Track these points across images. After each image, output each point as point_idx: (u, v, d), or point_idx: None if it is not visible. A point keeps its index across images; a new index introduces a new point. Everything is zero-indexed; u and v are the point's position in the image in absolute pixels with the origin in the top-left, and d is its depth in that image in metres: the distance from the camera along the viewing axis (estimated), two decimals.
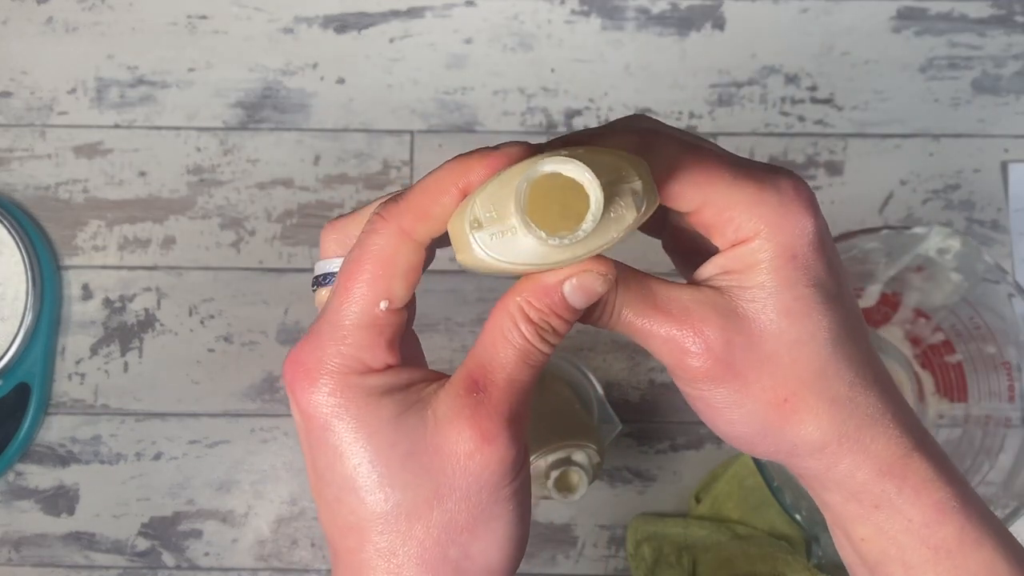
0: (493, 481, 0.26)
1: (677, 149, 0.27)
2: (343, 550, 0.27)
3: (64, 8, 0.66)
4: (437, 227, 0.26)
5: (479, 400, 0.26)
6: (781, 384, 0.27)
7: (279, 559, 0.63)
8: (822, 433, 0.28)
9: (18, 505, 0.63)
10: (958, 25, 0.66)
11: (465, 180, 0.26)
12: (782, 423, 0.28)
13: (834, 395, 0.27)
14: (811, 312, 0.27)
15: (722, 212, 0.27)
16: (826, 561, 0.56)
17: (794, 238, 0.27)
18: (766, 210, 0.26)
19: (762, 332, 0.27)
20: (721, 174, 0.27)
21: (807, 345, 0.27)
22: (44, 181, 0.65)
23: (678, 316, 0.27)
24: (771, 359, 0.27)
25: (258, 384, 0.64)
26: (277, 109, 0.65)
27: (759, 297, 0.27)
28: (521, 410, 0.27)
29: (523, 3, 0.66)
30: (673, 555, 0.59)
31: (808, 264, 0.27)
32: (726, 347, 0.27)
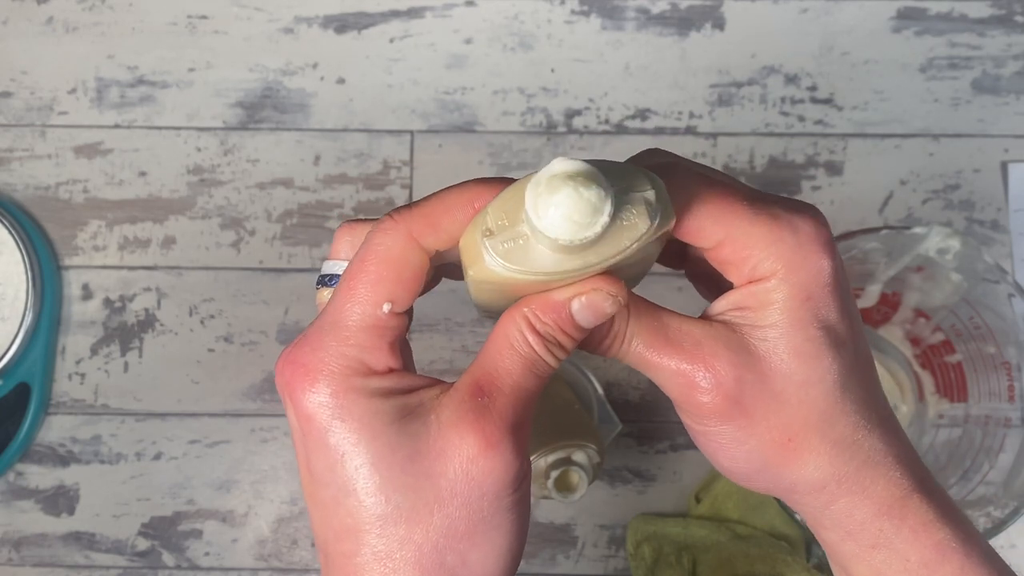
0: (495, 489, 0.26)
1: (696, 183, 0.27)
2: (337, 554, 0.26)
3: (64, 8, 0.66)
4: (446, 239, 0.26)
5: (484, 405, 0.26)
6: (787, 424, 0.27)
7: (279, 559, 0.63)
8: (822, 474, 0.28)
9: (18, 505, 0.63)
10: (958, 25, 0.66)
11: (482, 201, 0.26)
12: (783, 462, 0.28)
13: (837, 437, 0.27)
14: (821, 355, 0.27)
15: (739, 250, 0.27)
16: (826, 561, 0.56)
17: (809, 279, 0.27)
18: (783, 249, 0.26)
19: (772, 371, 0.27)
20: (740, 211, 0.27)
21: (815, 387, 0.27)
22: (44, 181, 0.65)
23: (689, 350, 0.27)
24: (779, 399, 0.27)
25: (258, 384, 0.64)
26: (277, 109, 0.65)
27: (771, 336, 0.27)
28: (524, 420, 0.27)
29: (523, 3, 0.66)
30: (673, 555, 0.59)
31: (821, 306, 0.27)
32: (736, 384, 0.27)
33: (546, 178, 0.24)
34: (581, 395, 0.60)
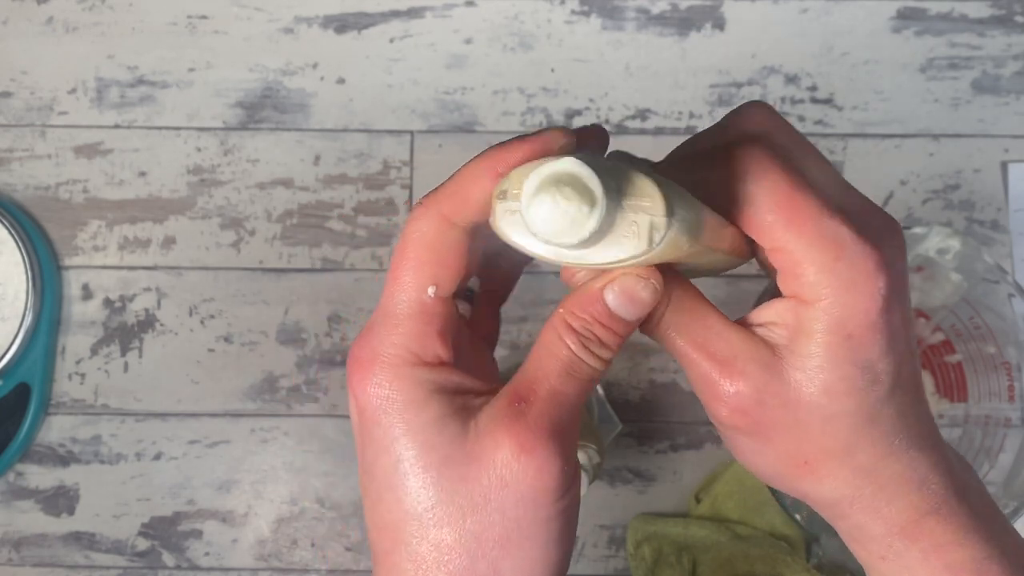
0: (530, 496, 0.25)
1: (769, 172, 0.26)
2: (380, 552, 0.26)
3: (64, 8, 0.66)
4: (477, 211, 0.26)
5: (519, 411, 0.25)
6: (805, 449, 0.27)
7: (279, 559, 0.63)
8: (837, 495, 0.28)
9: (18, 505, 0.63)
10: (958, 25, 0.66)
11: (504, 165, 0.25)
12: (798, 478, 0.28)
13: (856, 465, 0.27)
14: (852, 393, 0.26)
15: (793, 265, 0.26)
16: (826, 561, 0.56)
17: (854, 316, 0.26)
18: (835, 281, 0.25)
19: (799, 401, 0.26)
20: (806, 223, 0.25)
21: (841, 421, 0.27)
22: (44, 181, 0.65)
23: (721, 360, 0.27)
24: (801, 426, 0.27)
25: (258, 384, 0.64)
26: (277, 109, 0.65)
27: (806, 367, 0.26)
28: (567, 425, 0.26)
29: (523, 3, 0.66)
30: (673, 555, 0.59)
31: (862, 346, 0.26)
32: (757, 406, 0.27)
33: (539, 176, 0.23)
34: None
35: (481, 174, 0.26)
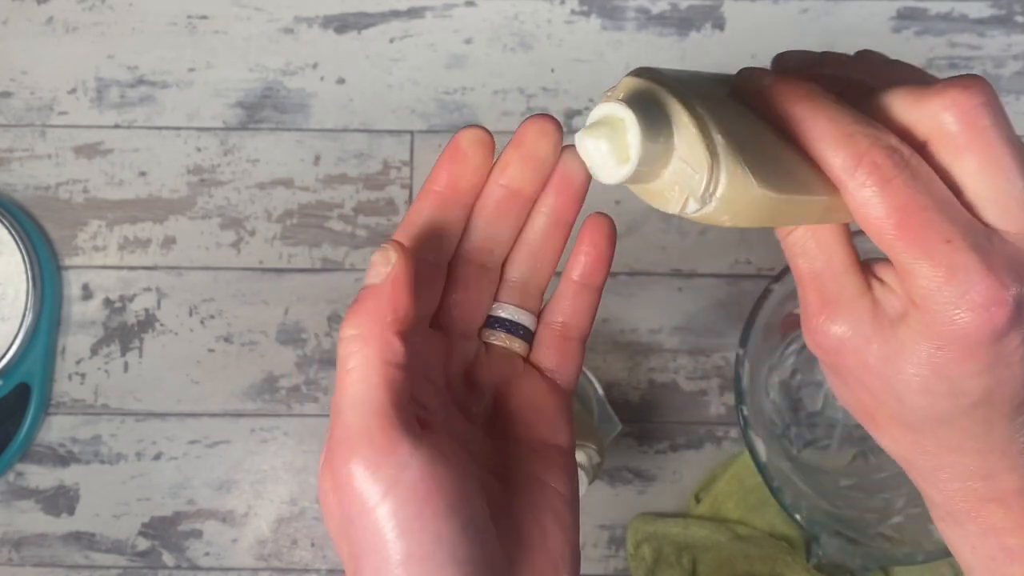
0: (350, 510, 0.26)
1: (900, 201, 0.25)
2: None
3: (64, 8, 0.66)
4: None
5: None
6: (874, 408, 0.28)
7: (279, 559, 0.63)
8: (897, 453, 0.29)
9: (18, 505, 0.63)
10: (958, 25, 0.66)
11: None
12: (865, 423, 0.29)
13: (921, 444, 0.28)
14: (927, 394, 0.27)
15: (902, 271, 0.26)
16: (826, 561, 0.56)
17: (951, 338, 0.25)
18: (939, 300, 0.25)
19: (874, 370, 0.27)
20: (924, 250, 0.25)
21: (912, 410, 0.27)
22: (44, 181, 0.65)
23: (825, 300, 0.28)
24: (872, 391, 0.28)
25: (258, 384, 0.64)
26: (277, 109, 0.65)
27: (894, 348, 0.27)
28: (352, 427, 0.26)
29: (523, 3, 0.66)
30: (673, 555, 0.59)
31: (950, 362, 0.26)
32: (836, 352, 0.28)
33: (596, 114, 0.24)
34: (581, 395, 0.60)
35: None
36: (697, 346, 0.64)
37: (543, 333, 0.32)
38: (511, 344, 0.31)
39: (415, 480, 0.25)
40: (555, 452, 0.30)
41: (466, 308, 0.31)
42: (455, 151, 0.29)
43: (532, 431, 0.30)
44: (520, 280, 0.31)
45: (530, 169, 0.30)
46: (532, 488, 0.29)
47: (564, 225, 0.31)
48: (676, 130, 0.24)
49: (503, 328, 0.31)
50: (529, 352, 0.32)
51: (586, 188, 0.30)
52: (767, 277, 0.63)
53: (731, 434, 0.63)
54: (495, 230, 0.30)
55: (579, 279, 0.31)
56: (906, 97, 0.26)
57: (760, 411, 0.58)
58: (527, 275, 0.31)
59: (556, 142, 0.30)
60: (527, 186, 0.30)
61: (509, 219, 0.30)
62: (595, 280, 0.31)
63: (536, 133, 0.29)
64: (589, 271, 0.31)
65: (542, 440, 0.30)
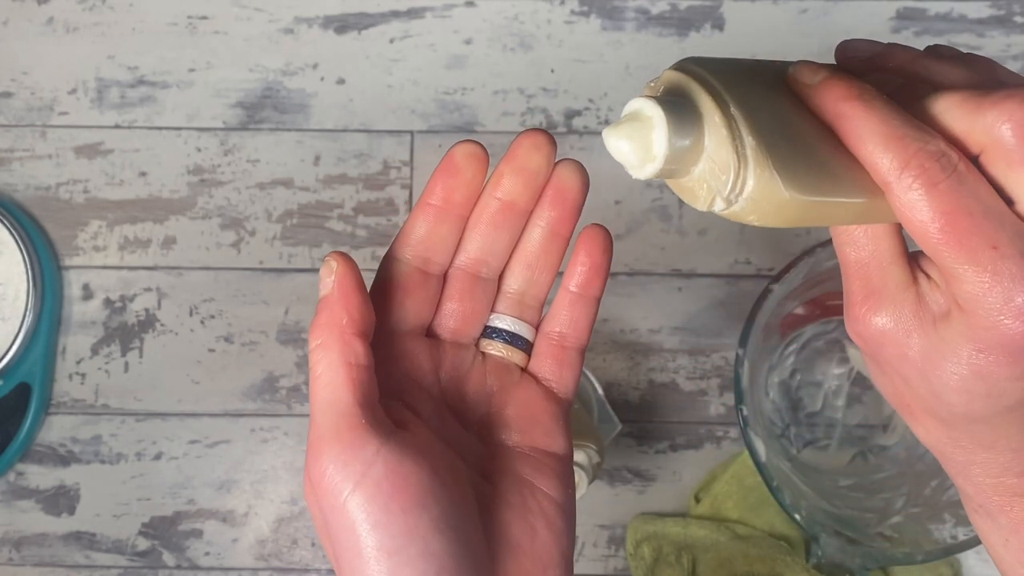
0: (325, 506, 0.27)
1: (946, 206, 0.25)
2: None
3: (64, 8, 0.66)
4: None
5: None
6: (911, 399, 0.29)
7: (279, 559, 0.63)
8: (931, 443, 0.29)
9: (19, 505, 0.63)
10: (958, 25, 0.66)
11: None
12: (901, 412, 0.30)
13: (956, 438, 0.28)
14: (964, 393, 0.27)
15: (946, 274, 0.26)
16: (825, 561, 0.56)
17: (993, 341, 0.25)
18: (983, 305, 0.25)
19: (913, 363, 0.27)
20: (970, 256, 0.25)
21: (948, 405, 0.27)
22: (45, 181, 0.65)
23: (869, 290, 0.28)
24: (910, 381, 0.28)
25: (258, 384, 0.64)
26: (277, 109, 0.65)
27: (934, 346, 0.27)
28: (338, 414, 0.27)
29: (523, 3, 0.66)
30: (673, 555, 0.59)
31: (992, 364, 0.26)
32: (877, 342, 0.28)
33: (627, 108, 0.25)
34: (581, 395, 0.60)
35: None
36: (697, 346, 0.64)
37: (541, 343, 0.32)
38: (509, 355, 0.32)
39: (382, 475, 0.26)
40: (549, 458, 0.31)
41: (463, 318, 0.31)
42: (449, 165, 0.30)
43: (528, 439, 0.31)
44: (518, 291, 0.32)
45: (523, 182, 0.30)
46: (523, 491, 0.30)
47: (560, 238, 0.31)
48: (707, 129, 0.25)
49: (501, 338, 0.32)
50: (527, 362, 0.33)
51: (582, 201, 0.31)
52: (767, 277, 0.63)
53: (731, 434, 0.63)
54: (490, 242, 0.31)
55: (576, 290, 0.32)
56: (963, 104, 0.25)
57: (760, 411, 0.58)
58: (524, 286, 0.32)
59: (548, 155, 0.30)
60: (521, 199, 0.31)
61: (504, 231, 0.31)
62: (592, 291, 0.32)
63: (528, 147, 0.30)
64: (585, 282, 0.32)
65: (537, 446, 0.31)
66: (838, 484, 0.59)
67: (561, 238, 0.31)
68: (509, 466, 0.30)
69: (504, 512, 0.29)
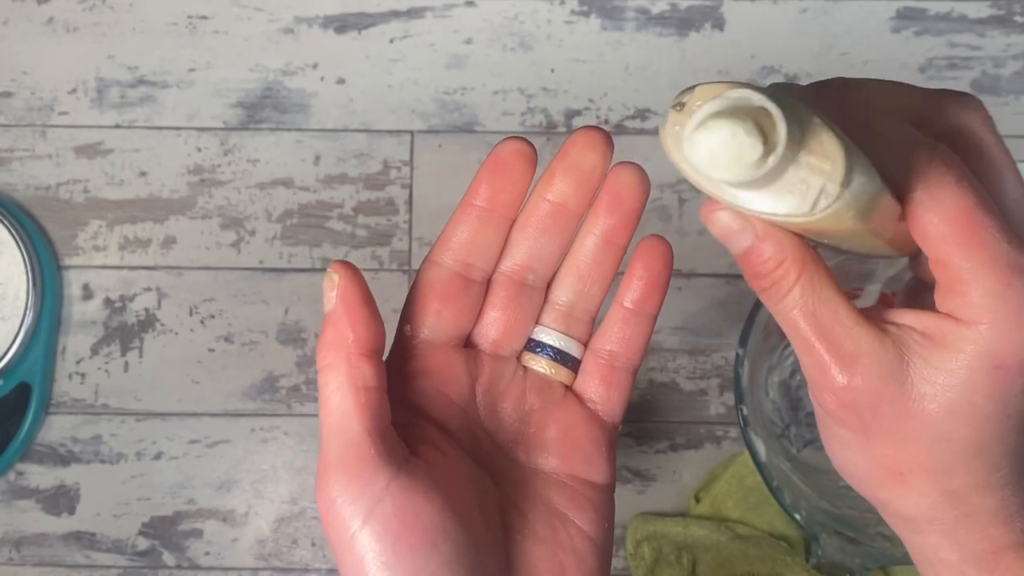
0: (333, 538, 0.26)
1: (957, 194, 0.24)
2: None
3: (64, 8, 0.66)
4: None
5: None
6: (904, 462, 0.26)
7: (279, 559, 0.63)
8: (918, 512, 0.27)
9: (18, 505, 0.63)
10: (957, 25, 0.66)
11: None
12: (885, 486, 0.27)
13: (949, 489, 0.26)
14: (974, 420, 0.25)
15: (956, 283, 0.24)
16: (825, 561, 0.56)
17: (1010, 350, 0.24)
18: (1001, 307, 0.23)
19: (914, 414, 0.25)
20: (981, 247, 0.23)
21: (950, 444, 0.25)
22: (44, 181, 0.65)
23: (844, 357, 0.25)
24: (907, 438, 0.26)
25: (258, 384, 0.64)
26: (277, 109, 0.65)
27: (935, 382, 0.25)
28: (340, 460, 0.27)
29: (523, 3, 0.66)
30: (673, 555, 0.59)
31: (1006, 379, 0.24)
32: (869, 407, 0.25)
33: (724, 102, 0.21)
34: None
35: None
36: (697, 346, 0.64)
37: (589, 361, 0.30)
38: (554, 372, 0.30)
39: (390, 511, 0.25)
40: (589, 489, 0.29)
41: (505, 328, 0.29)
42: (496, 163, 0.28)
43: (567, 465, 0.29)
44: (567, 303, 0.30)
45: (576, 183, 0.28)
46: (555, 524, 0.28)
47: (616, 247, 0.29)
48: (808, 124, 0.22)
49: (546, 354, 0.30)
50: (573, 380, 0.30)
51: (641, 208, 0.29)
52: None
53: (731, 434, 0.63)
54: (538, 247, 0.29)
55: (631, 306, 0.29)
56: (912, 133, 0.25)
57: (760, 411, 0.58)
58: (574, 299, 0.30)
59: (604, 154, 0.28)
60: (573, 201, 0.28)
61: (554, 236, 0.29)
62: (649, 308, 0.30)
63: (583, 145, 0.28)
64: (642, 298, 0.29)
65: (576, 475, 0.29)
66: (838, 484, 0.59)
67: (617, 247, 0.29)
68: (543, 494, 0.28)
69: (532, 547, 0.27)
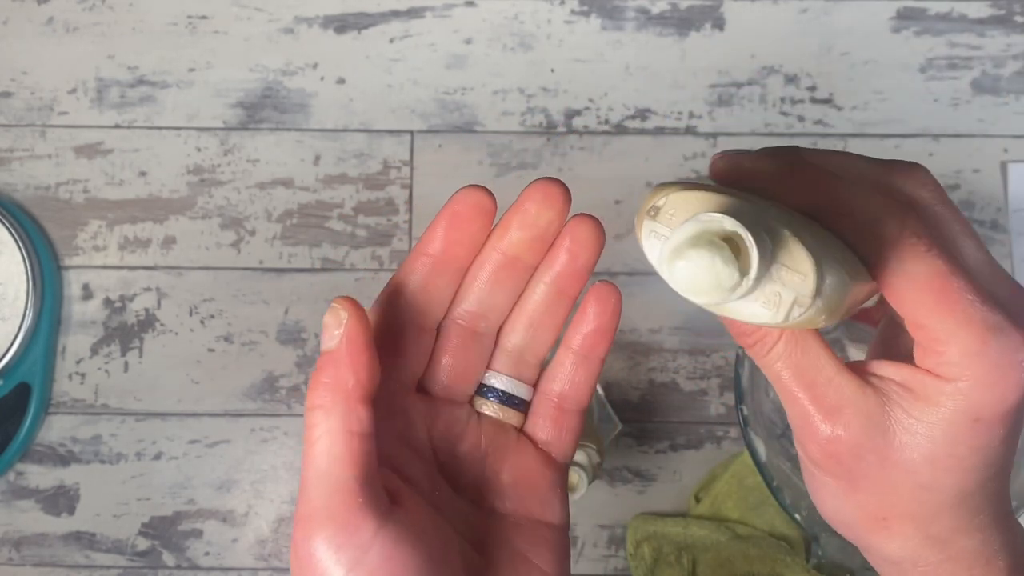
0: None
1: (930, 263, 0.25)
2: None
3: (64, 8, 0.66)
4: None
5: None
6: (887, 508, 0.27)
7: (279, 559, 0.63)
8: (902, 555, 0.27)
9: (18, 505, 0.63)
10: (957, 25, 0.66)
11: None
12: (870, 532, 0.27)
13: (933, 534, 0.27)
14: (956, 471, 0.26)
15: (935, 343, 0.25)
16: (825, 561, 0.56)
17: (989, 404, 0.25)
18: (978, 364, 0.24)
19: (897, 463, 0.26)
20: (956, 309, 0.24)
21: (933, 493, 0.26)
22: (44, 181, 0.65)
23: (827, 407, 0.26)
24: (890, 486, 0.26)
25: (258, 384, 0.64)
26: (277, 109, 0.65)
27: (916, 433, 0.25)
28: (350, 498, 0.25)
29: (523, 3, 0.66)
30: (673, 555, 0.59)
31: (986, 431, 0.25)
32: (852, 456, 0.26)
33: (696, 228, 0.22)
34: None
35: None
36: (697, 346, 0.64)
37: (539, 402, 0.30)
38: (504, 415, 0.30)
39: (376, 564, 0.24)
40: (545, 529, 0.29)
41: (456, 374, 0.29)
42: (453, 215, 0.28)
43: (522, 506, 0.29)
44: (516, 348, 0.30)
45: (531, 238, 0.28)
46: (516, 565, 0.28)
47: (567, 298, 0.29)
48: (778, 236, 0.23)
49: (496, 398, 0.30)
50: (524, 422, 0.31)
51: (593, 263, 0.29)
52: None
53: (731, 434, 0.63)
54: (490, 297, 0.29)
55: (579, 350, 0.30)
56: (875, 191, 0.26)
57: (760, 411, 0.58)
58: (524, 344, 0.30)
59: (561, 211, 0.28)
60: (527, 255, 0.28)
61: (506, 286, 0.29)
62: (596, 352, 0.30)
63: (539, 201, 0.28)
64: (590, 344, 0.30)
65: (532, 516, 0.29)
66: None
67: (568, 299, 0.29)
68: (503, 536, 0.29)
69: None
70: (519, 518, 0.29)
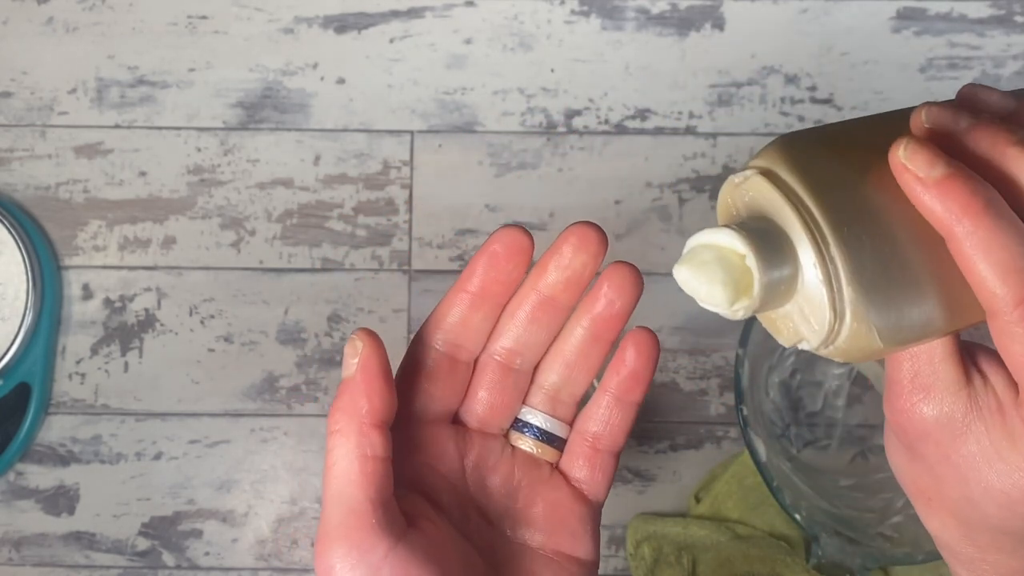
0: None
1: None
2: None
3: (64, 8, 0.66)
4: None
5: None
6: (934, 491, 0.27)
7: (279, 559, 0.63)
8: (942, 537, 0.28)
9: (18, 505, 0.63)
10: (957, 25, 0.66)
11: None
12: (916, 500, 0.28)
13: (973, 535, 0.28)
14: (1007, 509, 0.26)
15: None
16: (825, 561, 0.56)
17: None
18: None
19: (956, 466, 0.26)
20: None
21: (979, 511, 0.27)
22: (44, 181, 0.65)
23: (918, 383, 0.27)
24: (942, 482, 0.27)
25: (258, 384, 0.64)
26: (277, 109, 0.65)
27: (988, 457, 0.26)
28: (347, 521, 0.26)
29: (523, 3, 0.66)
30: (673, 555, 0.59)
31: None
32: (919, 436, 0.27)
33: (706, 238, 0.22)
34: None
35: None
36: (697, 346, 0.64)
37: (575, 441, 0.31)
38: (540, 451, 0.31)
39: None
40: (574, 565, 0.30)
41: (491, 407, 0.30)
42: (492, 255, 0.29)
43: (553, 542, 0.30)
44: (553, 387, 0.31)
45: (567, 280, 0.29)
46: None
47: (604, 342, 0.30)
48: (803, 269, 0.22)
49: (532, 434, 0.31)
50: (559, 459, 0.31)
51: (631, 309, 0.30)
52: None
53: (731, 434, 0.63)
54: (527, 335, 0.30)
55: (616, 393, 0.31)
56: None
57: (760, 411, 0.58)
58: (560, 384, 0.31)
59: (596, 254, 0.29)
60: (563, 296, 0.29)
61: (542, 325, 0.30)
62: (632, 396, 0.31)
63: (576, 244, 0.29)
64: (626, 388, 0.31)
65: (562, 551, 0.30)
66: (838, 484, 0.59)
67: (604, 343, 0.30)
68: (531, 568, 0.29)
69: None
70: (549, 552, 0.30)
